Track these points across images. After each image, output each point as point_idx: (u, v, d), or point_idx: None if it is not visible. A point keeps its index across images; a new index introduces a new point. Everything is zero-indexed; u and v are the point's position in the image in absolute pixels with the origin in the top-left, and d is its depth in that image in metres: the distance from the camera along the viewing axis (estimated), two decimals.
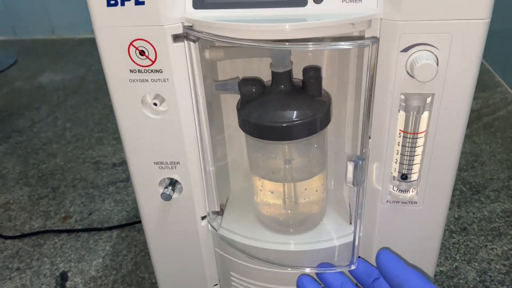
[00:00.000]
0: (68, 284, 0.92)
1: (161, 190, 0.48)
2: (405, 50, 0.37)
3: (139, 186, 0.49)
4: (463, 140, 0.42)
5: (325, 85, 0.47)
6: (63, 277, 0.93)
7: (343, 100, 0.48)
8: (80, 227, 1.06)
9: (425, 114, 0.41)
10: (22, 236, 1.03)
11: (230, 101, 0.51)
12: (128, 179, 1.18)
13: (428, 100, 0.40)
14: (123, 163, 1.24)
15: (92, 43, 2.02)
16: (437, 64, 0.37)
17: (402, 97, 0.40)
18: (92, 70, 1.80)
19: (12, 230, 1.05)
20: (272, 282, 0.51)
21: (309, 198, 0.49)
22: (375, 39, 0.37)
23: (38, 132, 1.41)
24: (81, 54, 1.96)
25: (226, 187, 0.55)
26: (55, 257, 0.98)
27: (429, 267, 0.49)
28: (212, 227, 0.50)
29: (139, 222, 1.04)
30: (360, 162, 0.40)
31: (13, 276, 0.94)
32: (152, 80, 0.42)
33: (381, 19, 0.37)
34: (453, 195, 1.06)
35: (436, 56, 0.37)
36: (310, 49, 0.40)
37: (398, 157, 0.43)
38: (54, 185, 1.18)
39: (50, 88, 1.68)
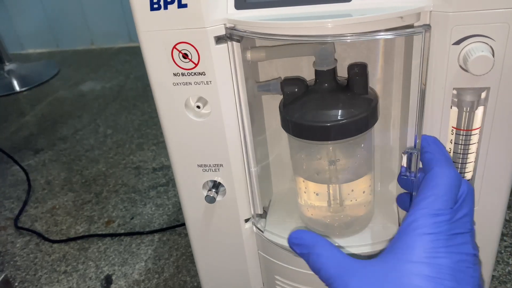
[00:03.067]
0: (112, 287, 0.94)
1: (204, 193, 0.48)
2: (458, 42, 0.35)
3: (183, 189, 0.49)
4: None
5: (370, 82, 0.45)
6: (108, 280, 0.95)
7: (388, 97, 0.46)
8: (122, 231, 1.08)
9: (480, 109, 0.39)
10: (68, 240, 1.06)
11: (271, 102, 0.50)
12: (168, 183, 1.19)
13: (483, 94, 0.38)
14: (163, 167, 1.26)
15: (129, 52, 2.08)
16: (493, 56, 0.35)
17: (455, 92, 0.38)
18: (130, 78, 1.84)
19: (59, 234, 1.08)
20: (317, 286, 0.49)
21: (355, 200, 0.47)
22: (427, 26, 0.35)
23: (80, 139, 1.45)
24: (119, 63, 2.01)
25: (268, 189, 0.54)
26: (100, 261, 1.00)
27: (486, 273, 0.47)
28: (258, 229, 0.49)
29: (180, 225, 1.05)
30: (414, 152, 0.38)
31: (60, 279, 0.97)
32: (195, 83, 0.42)
33: (431, 11, 0.36)
34: None
35: (491, 48, 0.35)
36: (359, 39, 0.38)
37: (451, 155, 0.41)
38: (97, 190, 1.21)
39: (91, 97, 1.73)
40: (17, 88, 1.80)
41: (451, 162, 0.37)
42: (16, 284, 0.96)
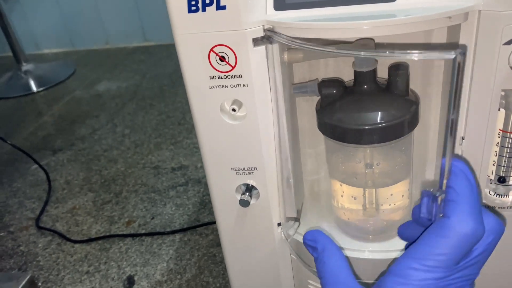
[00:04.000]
0: (135, 287, 0.94)
1: (237, 196, 0.47)
2: (509, 42, 0.34)
3: (216, 193, 0.48)
4: None
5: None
6: (130, 280, 0.95)
7: (427, 100, 0.45)
8: (143, 231, 1.07)
9: None
10: (90, 240, 1.06)
11: (303, 104, 0.49)
12: (187, 183, 1.19)
13: None
14: (182, 167, 1.25)
15: (144, 51, 2.08)
16: None
17: (503, 93, 0.37)
18: (146, 78, 1.84)
19: (80, 234, 1.09)
20: None
21: (392, 205, 0.46)
22: (463, 50, 0.33)
23: (98, 139, 1.45)
24: (135, 62, 2.01)
25: (300, 192, 0.53)
26: (121, 261, 1.00)
27: None
28: (285, 235, 0.48)
29: (201, 225, 1.04)
30: (438, 195, 0.32)
31: (83, 279, 0.97)
32: (232, 86, 0.41)
33: (480, 10, 0.34)
34: None
35: None
36: (389, 56, 0.36)
37: (496, 158, 0.40)
38: (116, 190, 1.22)
39: (107, 96, 1.73)
40: (34, 88, 1.81)
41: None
42: (40, 284, 0.97)
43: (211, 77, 0.41)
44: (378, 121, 0.40)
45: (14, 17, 2.00)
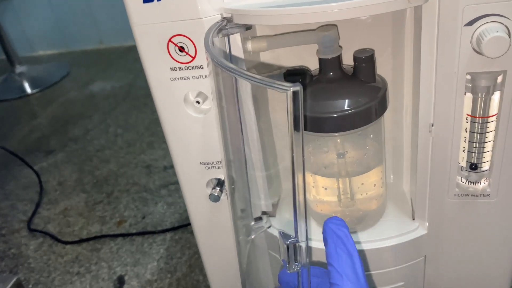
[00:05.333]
0: (125, 287, 0.93)
1: (209, 191, 0.46)
2: (470, 23, 0.33)
3: (186, 188, 0.47)
4: None
5: (379, 69, 0.43)
6: (121, 280, 0.94)
7: (399, 84, 0.44)
8: (134, 230, 1.07)
9: (496, 95, 0.36)
10: (81, 241, 1.06)
11: (277, 95, 0.48)
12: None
13: (499, 78, 0.35)
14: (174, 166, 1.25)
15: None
16: (510, 37, 0.32)
17: (468, 77, 0.36)
18: (140, 77, 1.83)
19: (71, 235, 1.08)
20: None
21: (366, 194, 0.45)
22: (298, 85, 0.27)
23: (91, 139, 1.45)
24: (128, 62, 2.00)
25: (277, 186, 0.52)
26: (112, 261, 1.00)
27: (506, 271, 0.44)
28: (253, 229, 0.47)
29: None
30: (298, 242, 0.28)
31: (74, 280, 0.96)
32: (194, 77, 0.40)
33: None
34: None
35: (507, 28, 0.32)
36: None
37: (466, 144, 0.39)
38: (108, 190, 1.21)
39: (101, 96, 1.73)
40: (29, 90, 1.81)
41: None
42: (30, 286, 0.96)
43: (172, 69, 0.40)
44: (344, 108, 0.38)
45: (7, 19, 2.00)
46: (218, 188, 0.46)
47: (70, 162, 1.35)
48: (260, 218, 0.49)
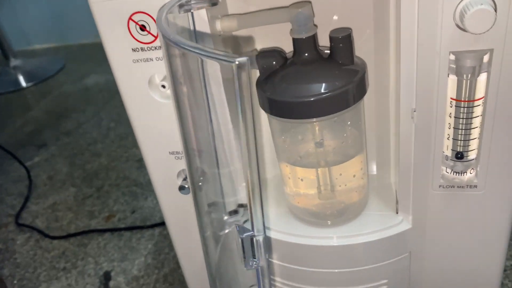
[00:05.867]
0: (111, 283, 0.91)
1: (179, 182, 0.44)
2: None
3: (156, 179, 0.45)
4: None
5: (362, 49, 0.40)
6: (107, 276, 0.92)
7: (384, 66, 0.41)
8: (123, 225, 1.04)
9: (482, 76, 0.33)
10: (68, 236, 1.04)
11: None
12: None
13: (485, 58, 0.32)
14: None
15: None
16: (495, 10, 0.29)
17: (452, 57, 0.33)
18: None
19: (59, 230, 1.06)
20: (307, 283, 0.45)
21: (345, 185, 0.42)
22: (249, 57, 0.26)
23: (84, 133, 1.43)
24: None
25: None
26: (99, 257, 0.97)
27: (495, 265, 0.41)
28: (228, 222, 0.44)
29: None
30: (255, 236, 0.26)
31: (59, 276, 0.94)
32: (157, 59, 0.37)
33: None
34: None
35: (493, 1, 0.29)
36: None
37: (451, 131, 0.35)
38: (98, 184, 1.19)
39: (95, 90, 1.70)
40: (23, 83, 1.79)
41: None
42: (15, 282, 0.94)
43: (134, 50, 0.37)
44: (318, 92, 0.35)
45: (3, 12, 1.98)
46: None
47: (61, 156, 1.33)
48: (235, 212, 0.46)
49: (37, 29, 2.10)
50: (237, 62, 0.20)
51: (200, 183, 0.38)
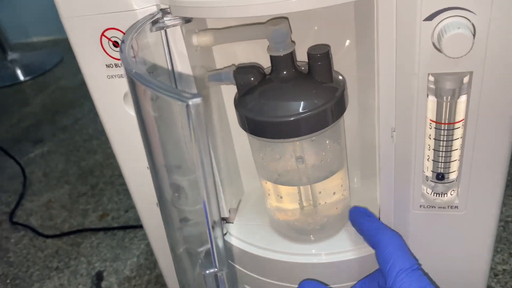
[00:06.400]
0: (103, 284, 0.91)
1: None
2: (430, 18, 0.29)
3: (135, 194, 0.44)
4: None
5: (344, 61, 0.39)
6: (99, 277, 0.92)
7: (368, 78, 0.39)
8: (116, 224, 1.04)
9: (462, 98, 0.32)
10: (62, 235, 1.03)
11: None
12: None
13: (466, 79, 0.31)
14: None
15: None
16: (474, 34, 0.28)
17: (432, 78, 0.32)
18: None
19: (53, 228, 1.06)
20: None
21: (327, 201, 0.41)
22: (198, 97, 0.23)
23: (80, 129, 1.42)
24: None
25: (236, 189, 0.49)
26: (92, 256, 0.97)
27: (478, 282, 0.41)
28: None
29: None
30: (217, 273, 0.26)
31: (52, 276, 0.95)
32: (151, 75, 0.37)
33: None
34: None
35: (472, 23, 0.28)
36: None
37: (431, 153, 0.35)
38: (93, 182, 1.18)
39: None
40: (21, 77, 1.78)
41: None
42: (8, 281, 0.95)
43: (108, 66, 0.36)
44: (296, 112, 0.35)
45: (0, 5, 1.97)
46: (176, 194, 0.43)
47: (57, 152, 1.33)
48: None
49: (35, 22, 2.08)
50: (190, 103, 0.19)
51: (174, 199, 0.38)
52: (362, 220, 0.39)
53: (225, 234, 0.45)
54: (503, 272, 0.79)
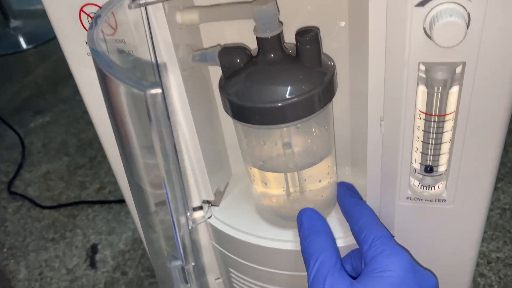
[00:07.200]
0: (97, 256, 0.92)
1: None
2: (422, 3, 0.27)
3: (120, 178, 0.43)
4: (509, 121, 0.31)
5: (336, 44, 0.37)
6: (94, 249, 0.93)
7: (361, 63, 0.38)
8: (113, 198, 1.05)
9: (454, 89, 0.30)
10: (59, 206, 1.04)
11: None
12: None
13: (458, 70, 0.30)
14: None
15: None
16: (468, 23, 0.26)
17: (423, 67, 0.30)
18: None
19: (50, 200, 1.07)
20: (272, 283, 0.44)
21: (314, 187, 0.40)
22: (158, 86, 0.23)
23: (80, 100, 1.40)
24: None
25: (224, 171, 0.48)
26: (87, 229, 0.98)
27: (463, 280, 0.40)
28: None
29: None
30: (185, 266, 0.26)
31: (47, 247, 0.95)
32: (116, 51, 0.35)
33: None
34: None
35: (467, 12, 0.26)
36: None
37: (419, 145, 0.33)
38: (92, 154, 1.18)
39: None
40: (24, 45, 1.77)
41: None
42: (5, 250, 0.96)
43: (87, 42, 0.35)
44: (283, 98, 0.33)
45: None
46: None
47: (57, 123, 1.33)
48: (200, 208, 0.45)
49: None
50: (148, 92, 0.18)
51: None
52: (343, 193, 0.41)
53: (210, 217, 0.44)
54: (496, 260, 0.78)
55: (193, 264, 0.24)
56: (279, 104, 0.33)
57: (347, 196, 0.40)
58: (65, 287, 0.86)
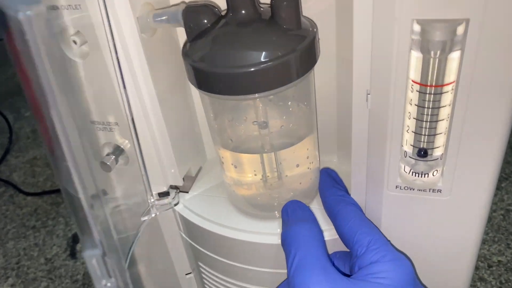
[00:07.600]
0: (78, 246, 0.88)
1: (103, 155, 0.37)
2: None
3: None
4: None
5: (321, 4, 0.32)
6: (75, 239, 0.89)
7: (350, 28, 0.33)
8: None
9: (455, 54, 0.25)
10: (43, 193, 1.00)
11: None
12: None
13: (460, 30, 0.24)
14: None
15: None
16: None
17: (417, 27, 0.25)
18: None
19: (35, 186, 1.03)
20: (245, 280, 0.39)
21: (293, 172, 0.36)
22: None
23: None
24: None
25: (196, 154, 0.43)
26: (70, 217, 0.94)
27: (461, 284, 0.35)
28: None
29: None
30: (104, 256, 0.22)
31: (28, 235, 0.92)
32: (63, 7, 0.30)
33: None
34: None
35: None
36: None
37: (412, 123, 0.28)
38: None
39: None
40: None
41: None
42: None
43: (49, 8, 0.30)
44: (254, 62, 0.28)
45: None
46: (113, 157, 0.37)
47: None
48: (167, 194, 0.40)
49: None
50: (21, 17, 0.13)
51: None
52: (326, 184, 0.36)
53: (176, 204, 0.39)
54: (498, 263, 0.73)
55: (105, 254, 0.19)
56: (248, 70, 0.28)
57: (330, 187, 0.35)
58: (42, 277, 0.81)
